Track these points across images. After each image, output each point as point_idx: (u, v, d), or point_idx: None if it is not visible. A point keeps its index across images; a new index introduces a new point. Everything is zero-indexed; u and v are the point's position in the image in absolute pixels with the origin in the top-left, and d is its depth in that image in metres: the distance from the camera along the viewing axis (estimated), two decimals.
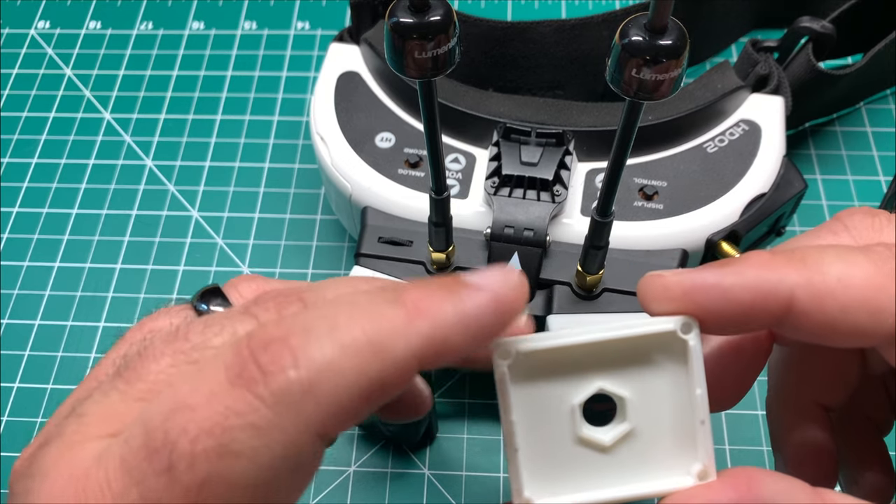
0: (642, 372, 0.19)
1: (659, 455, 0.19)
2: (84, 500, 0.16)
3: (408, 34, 0.21)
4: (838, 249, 0.19)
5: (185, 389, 0.17)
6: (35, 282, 0.43)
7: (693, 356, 0.19)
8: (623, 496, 0.19)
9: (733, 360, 0.22)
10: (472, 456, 0.37)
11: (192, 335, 0.19)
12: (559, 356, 0.19)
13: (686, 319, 0.19)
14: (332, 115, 0.38)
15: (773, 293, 0.18)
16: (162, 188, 0.46)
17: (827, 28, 0.38)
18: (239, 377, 0.16)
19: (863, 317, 0.18)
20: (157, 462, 0.16)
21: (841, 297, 0.18)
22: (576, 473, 0.19)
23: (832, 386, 0.24)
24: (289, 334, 0.16)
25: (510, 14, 0.53)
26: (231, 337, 0.18)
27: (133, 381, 0.18)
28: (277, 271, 0.43)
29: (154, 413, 0.17)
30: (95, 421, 0.18)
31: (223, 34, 0.53)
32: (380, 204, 0.35)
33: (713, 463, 0.19)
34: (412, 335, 0.16)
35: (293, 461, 0.16)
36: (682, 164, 0.36)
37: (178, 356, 0.18)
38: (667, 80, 0.20)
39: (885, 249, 0.18)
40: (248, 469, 0.16)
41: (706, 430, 0.19)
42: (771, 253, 0.19)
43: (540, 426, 0.19)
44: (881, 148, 0.46)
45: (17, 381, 0.40)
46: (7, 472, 0.37)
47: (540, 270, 0.33)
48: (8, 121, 0.50)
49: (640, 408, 0.19)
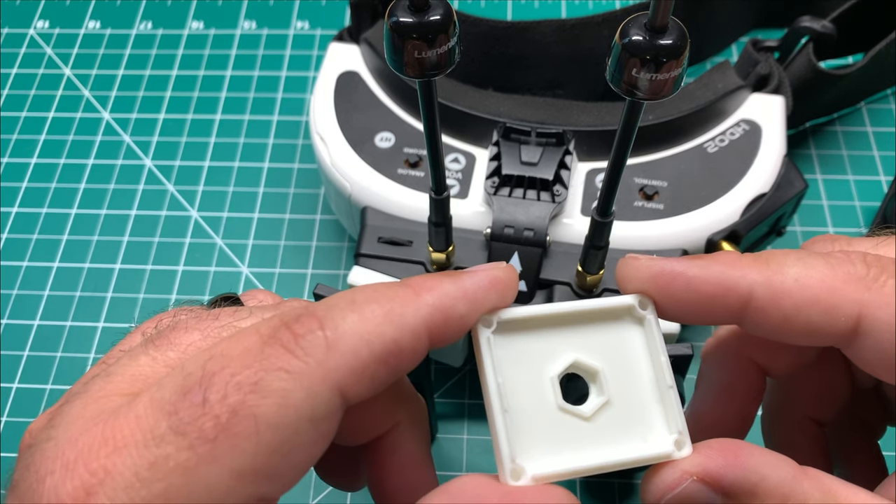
0: (614, 345, 0.21)
1: (639, 423, 0.20)
2: (112, 435, 0.17)
3: (407, 34, 0.21)
4: (800, 254, 0.20)
5: (221, 346, 0.18)
6: (34, 282, 0.43)
7: (651, 328, 0.20)
8: (609, 463, 0.20)
9: (728, 397, 0.24)
10: (472, 456, 0.37)
11: (222, 316, 0.21)
12: (536, 326, 0.20)
13: (642, 297, 0.21)
14: (331, 114, 0.38)
15: (734, 288, 0.20)
16: (161, 188, 0.46)
17: (827, 28, 0.38)
18: (272, 337, 0.18)
19: (816, 315, 0.19)
20: (191, 397, 0.17)
21: (796, 296, 0.19)
22: (561, 442, 0.20)
23: (823, 402, 0.25)
24: (315, 309, 0.18)
25: (510, 14, 0.53)
26: (260, 320, 0.19)
27: (164, 347, 0.20)
28: (277, 271, 0.43)
29: (191, 362, 0.18)
30: (123, 380, 0.19)
31: (222, 34, 0.53)
32: (379, 204, 0.35)
33: (685, 427, 0.20)
34: (421, 305, 0.19)
35: (314, 410, 0.17)
36: (682, 164, 0.36)
37: (208, 331, 0.20)
38: (667, 79, 0.20)
39: (842, 255, 0.20)
40: (275, 408, 0.17)
41: (675, 396, 0.20)
42: (740, 254, 0.20)
43: (522, 395, 0.20)
44: (882, 148, 0.46)
45: (17, 381, 0.40)
46: (7, 473, 0.37)
47: (540, 270, 0.33)
48: (7, 121, 0.50)
49: (615, 379, 0.20)
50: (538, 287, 0.33)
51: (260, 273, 0.43)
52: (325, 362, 0.17)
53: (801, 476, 0.19)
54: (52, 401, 0.39)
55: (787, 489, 0.18)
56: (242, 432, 0.16)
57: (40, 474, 0.17)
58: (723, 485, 0.19)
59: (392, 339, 0.18)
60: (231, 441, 0.16)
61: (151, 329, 0.21)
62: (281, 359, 0.17)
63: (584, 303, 0.21)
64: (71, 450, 0.17)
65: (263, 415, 0.17)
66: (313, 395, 0.17)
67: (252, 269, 0.43)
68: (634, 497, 0.35)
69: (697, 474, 0.19)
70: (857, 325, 0.19)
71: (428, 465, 0.23)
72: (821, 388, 0.25)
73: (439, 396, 0.38)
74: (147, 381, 0.19)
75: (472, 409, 0.38)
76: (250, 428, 0.16)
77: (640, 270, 0.20)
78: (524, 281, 0.33)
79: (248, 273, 0.43)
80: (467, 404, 0.38)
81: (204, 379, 0.17)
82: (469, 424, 0.37)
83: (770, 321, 0.19)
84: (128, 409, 0.17)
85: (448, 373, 0.39)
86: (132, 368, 0.19)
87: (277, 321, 0.18)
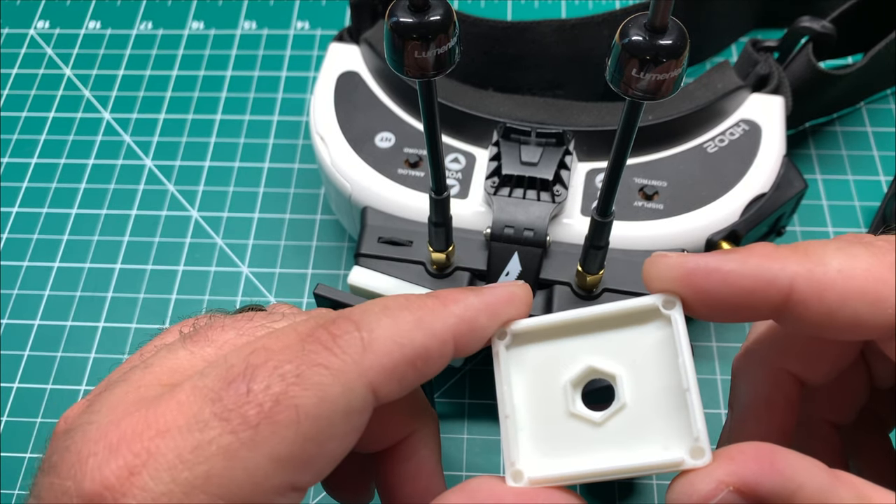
0: (631, 348, 0.20)
1: (651, 428, 0.19)
2: (155, 419, 0.18)
3: (408, 34, 0.21)
4: (840, 242, 0.19)
5: (262, 341, 0.19)
6: (34, 282, 0.43)
7: (677, 328, 0.19)
8: (614, 468, 0.19)
9: (766, 412, 0.23)
10: (472, 456, 0.37)
11: (256, 318, 0.21)
12: (551, 334, 0.21)
13: (668, 296, 0.20)
14: (331, 114, 0.38)
15: (774, 281, 0.19)
16: (161, 188, 0.46)
17: (827, 28, 0.38)
18: (311, 336, 0.19)
19: (862, 307, 0.18)
20: (235, 385, 0.18)
21: (841, 287, 0.18)
22: (568, 447, 0.20)
23: (842, 406, 0.24)
24: (350, 313, 0.19)
25: (510, 14, 0.53)
26: (294, 322, 0.20)
27: (202, 343, 0.21)
28: (277, 271, 0.43)
29: (234, 355, 0.19)
30: (162, 371, 0.20)
31: (223, 34, 0.53)
32: (380, 204, 0.35)
33: (706, 433, 0.19)
34: (447, 315, 0.20)
35: (349, 404, 0.18)
36: (682, 164, 0.36)
37: (244, 330, 0.21)
38: (667, 79, 0.20)
39: (885, 243, 0.19)
40: (314, 400, 0.18)
41: (696, 400, 0.19)
42: (776, 245, 0.20)
43: (535, 403, 0.20)
44: (881, 148, 0.46)
45: (17, 381, 0.40)
46: (7, 473, 0.37)
47: (540, 270, 0.33)
48: (7, 121, 0.50)
49: (631, 384, 0.20)
50: (538, 287, 0.33)
51: (260, 273, 0.43)
52: (360, 361, 0.18)
53: (837, 482, 0.18)
54: (52, 401, 0.39)
55: (823, 497, 0.17)
56: (284, 420, 0.17)
57: (82, 455, 0.18)
58: (760, 494, 0.17)
59: (422, 344, 0.19)
60: (273, 428, 0.17)
61: (189, 327, 0.22)
62: (321, 355, 0.18)
63: (602, 307, 0.20)
64: (114, 432, 0.18)
65: (304, 405, 0.17)
66: (349, 390, 0.18)
67: (252, 269, 0.43)
68: (634, 497, 0.35)
69: (734, 484, 0.17)
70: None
71: (440, 475, 0.24)
72: (841, 391, 0.24)
73: (439, 396, 0.38)
74: (185, 374, 0.19)
75: (472, 408, 0.38)
76: (291, 417, 0.17)
77: (672, 269, 0.20)
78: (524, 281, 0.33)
79: (248, 273, 0.43)
80: (467, 404, 0.38)
81: (248, 370, 0.18)
82: (469, 424, 0.37)
83: (812, 315, 0.19)
84: (170, 395, 0.18)
85: (448, 373, 0.39)
86: (171, 361, 0.20)
87: (314, 322, 0.19)
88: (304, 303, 0.41)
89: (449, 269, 0.33)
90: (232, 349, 0.20)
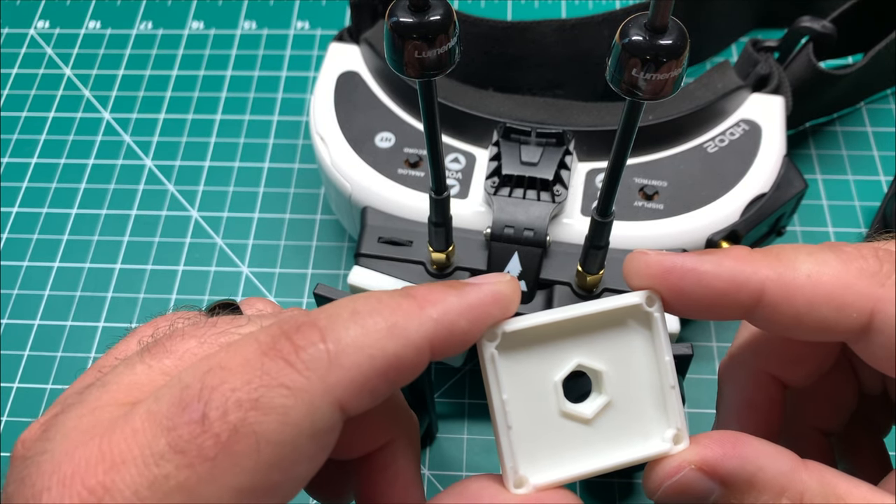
0: (617, 346, 0.21)
1: (638, 423, 0.20)
2: (109, 450, 0.17)
3: (408, 34, 0.21)
4: (811, 249, 0.20)
5: (219, 356, 0.18)
6: (34, 282, 0.43)
7: (658, 326, 0.20)
8: (608, 465, 0.20)
9: (750, 413, 0.24)
10: (472, 456, 0.37)
11: (220, 323, 0.20)
12: (540, 335, 0.20)
13: (649, 294, 0.20)
14: (331, 114, 0.38)
15: (746, 284, 0.19)
16: (161, 188, 0.46)
17: (827, 28, 0.38)
18: (272, 349, 0.17)
19: (828, 312, 0.19)
20: (190, 412, 0.16)
21: (809, 292, 0.19)
22: (562, 448, 0.20)
23: (831, 413, 0.25)
24: (317, 319, 0.18)
25: (510, 14, 0.53)
26: (258, 328, 0.19)
27: (160, 355, 0.19)
28: (277, 271, 0.43)
29: (189, 373, 0.17)
30: (119, 389, 0.19)
31: (223, 34, 0.53)
32: (380, 204, 0.35)
33: (685, 425, 0.20)
34: (424, 319, 0.18)
35: (314, 426, 0.17)
36: (682, 164, 0.36)
37: (206, 338, 0.20)
38: (667, 79, 0.20)
39: (854, 250, 0.20)
40: (275, 425, 0.16)
41: (676, 395, 0.20)
42: (750, 249, 0.20)
43: (526, 405, 0.20)
44: (881, 148, 0.46)
45: (17, 381, 0.40)
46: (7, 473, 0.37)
47: (540, 270, 0.33)
48: (7, 121, 0.50)
49: (618, 380, 0.20)
50: (538, 287, 0.33)
51: (260, 273, 0.43)
52: (326, 377, 0.17)
53: (801, 468, 0.19)
54: (52, 401, 0.39)
55: (784, 480, 0.18)
56: (243, 450, 0.16)
57: (36, 489, 0.17)
58: (720, 474, 0.19)
59: (394, 354, 0.18)
60: (231, 459, 0.16)
61: (148, 337, 0.21)
62: (281, 373, 0.17)
63: (588, 305, 0.20)
64: (68, 464, 0.17)
65: (264, 432, 0.16)
66: (314, 410, 0.17)
67: (252, 269, 0.43)
68: (634, 497, 0.35)
69: (695, 463, 0.19)
70: (869, 321, 0.19)
71: (417, 486, 0.23)
72: (829, 399, 0.25)
73: (439, 396, 0.38)
74: (143, 390, 0.18)
75: (472, 408, 0.38)
76: (251, 446, 0.16)
77: (650, 266, 0.20)
78: (524, 281, 0.33)
79: (248, 273, 0.43)
80: (467, 404, 0.38)
81: (203, 393, 0.17)
82: (469, 424, 0.37)
83: (781, 317, 0.19)
84: (124, 422, 0.17)
85: (448, 373, 0.39)
86: (128, 377, 0.19)
87: (276, 329, 0.18)
88: (304, 303, 0.41)
89: (449, 268, 0.33)
90: (189, 365, 0.18)
